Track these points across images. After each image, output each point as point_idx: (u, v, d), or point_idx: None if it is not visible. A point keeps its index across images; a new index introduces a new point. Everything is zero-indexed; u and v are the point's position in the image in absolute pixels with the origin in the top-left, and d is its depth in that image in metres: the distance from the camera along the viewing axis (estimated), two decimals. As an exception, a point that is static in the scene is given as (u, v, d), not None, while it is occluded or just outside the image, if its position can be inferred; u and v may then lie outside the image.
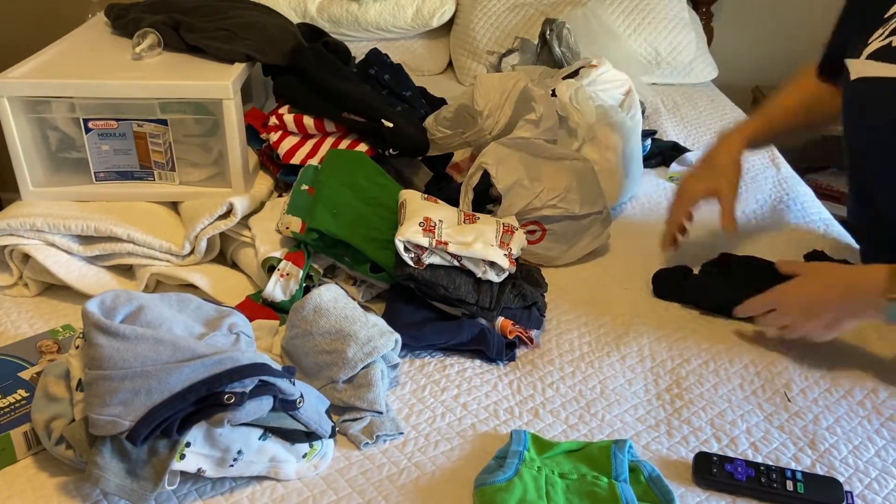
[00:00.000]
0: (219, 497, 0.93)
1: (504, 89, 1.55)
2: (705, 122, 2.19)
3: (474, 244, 1.21)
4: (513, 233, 1.27)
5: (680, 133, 2.08)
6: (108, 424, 0.85)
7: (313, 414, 0.96)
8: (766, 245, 1.52)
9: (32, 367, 1.07)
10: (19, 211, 1.32)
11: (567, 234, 1.43)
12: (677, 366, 1.19)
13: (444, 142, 1.59)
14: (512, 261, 1.24)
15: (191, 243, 1.32)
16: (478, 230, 1.24)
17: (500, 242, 1.24)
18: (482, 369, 1.17)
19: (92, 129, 1.37)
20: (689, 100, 2.33)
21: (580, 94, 1.59)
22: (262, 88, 1.82)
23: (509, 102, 1.54)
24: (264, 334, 1.19)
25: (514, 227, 1.30)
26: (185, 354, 0.89)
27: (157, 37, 1.51)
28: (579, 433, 1.05)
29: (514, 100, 1.54)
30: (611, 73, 1.69)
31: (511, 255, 1.24)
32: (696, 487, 0.96)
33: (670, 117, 2.18)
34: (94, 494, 0.92)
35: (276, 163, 1.54)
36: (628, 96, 1.68)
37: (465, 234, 1.22)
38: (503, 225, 1.28)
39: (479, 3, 2.45)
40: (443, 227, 1.23)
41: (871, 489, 0.97)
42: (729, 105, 2.35)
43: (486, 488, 0.91)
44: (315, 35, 1.78)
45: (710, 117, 2.23)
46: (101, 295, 0.95)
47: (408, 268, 1.20)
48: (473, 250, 1.21)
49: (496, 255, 1.22)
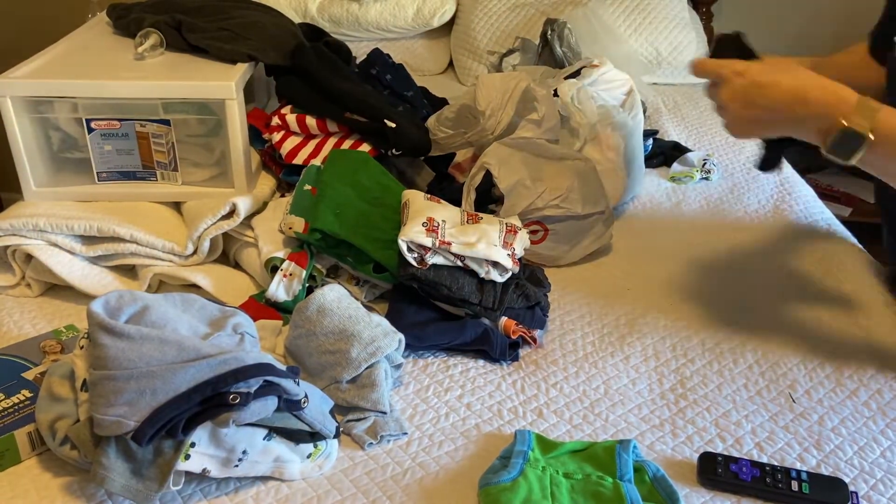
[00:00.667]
0: (223, 497, 0.93)
1: (506, 89, 1.55)
2: (706, 122, 2.18)
3: (477, 244, 1.21)
4: (516, 233, 1.27)
5: (681, 133, 2.07)
6: (114, 425, 0.85)
7: (317, 414, 0.96)
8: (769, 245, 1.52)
9: (36, 368, 1.07)
10: (22, 211, 1.32)
11: (569, 234, 1.43)
12: (681, 366, 1.19)
13: (447, 142, 1.59)
14: (515, 261, 1.24)
15: (193, 243, 1.32)
16: (481, 230, 1.24)
17: (503, 242, 1.24)
18: (486, 369, 1.17)
19: (94, 129, 1.37)
20: (689, 100, 2.33)
21: (582, 94, 1.59)
22: (264, 88, 1.82)
23: (511, 102, 1.54)
24: (268, 334, 1.19)
25: (518, 226, 1.30)
26: (190, 354, 0.89)
27: (159, 37, 1.51)
28: (584, 433, 1.05)
29: (516, 100, 1.54)
30: (612, 73, 1.69)
31: (514, 254, 1.24)
32: (700, 487, 0.96)
33: (671, 117, 2.18)
34: (98, 495, 0.92)
35: (278, 163, 1.54)
36: (630, 96, 1.68)
37: (468, 235, 1.22)
38: (506, 225, 1.28)
39: (480, 2, 2.45)
40: (446, 227, 1.23)
41: (877, 490, 0.97)
42: (730, 105, 2.34)
43: (490, 488, 0.91)
44: (316, 35, 1.78)
45: (711, 117, 2.22)
46: (105, 295, 0.94)
47: (411, 268, 1.20)
48: (476, 250, 1.21)
49: (499, 255, 1.22)
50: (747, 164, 1.91)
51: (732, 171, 1.88)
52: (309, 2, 2.39)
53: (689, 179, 1.80)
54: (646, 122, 1.91)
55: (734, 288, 1.39)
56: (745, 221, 1.64)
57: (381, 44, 2.34)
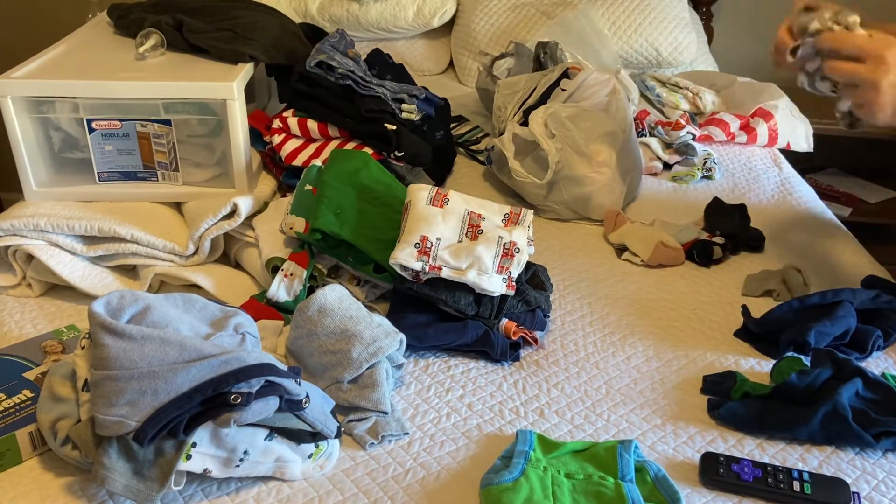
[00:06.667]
0: (225, 497, 0.93)
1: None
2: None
3: (468, 272, 1.18)
4: (513, 256, 1.22)
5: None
6: (115, 425, 0.85)
7: (319, 414, 0.95)
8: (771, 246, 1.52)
9: (37, 368, 1.07)
10: (23, 211, 1.32)
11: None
12: (683, 366, 1.19)
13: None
14: (511, 284, 1.21)
15: (194, 243, 1.32)
16: (474, 255, 1.20)
17: (497, 267, 1.21)
18: (487, 370, 1.17)
19: (95, 129, 1.37)
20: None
21: (553, 118, 1.59)
22: (265, 88, 1.82)
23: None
24: (269, 335, 1.18)
25: (517, 248, 1.24)
26: (192, 355, 0.89)
27: (160, 37, 1.51)
28: (585, 433, 1.05)
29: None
30: (593, 77, 1.68)
31: (510, 278, 1.22)
32: (702, 488, 0.96)
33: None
34: (100, 495, 0.92)
35: (279, 165, 1.54)
36: (614, 96, 1.67)
37: (460, 259, 1.19)
38: (504, 247, 1.25)
39: (480, 2, 2.45)
40: (440, 246, 1.20)
41: (878, 490, 0.97)
42: (730, 105, 2.35)
43: (492, 488, 0.91)
44: (316, 35, 1.78)
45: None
46: (107, 295, 0.94)
47: (407, 282, 1.20)
48: (465, 278, 1.18)
49: (489, 283, 1.19)
50: (748, 164, 1.91)
51: (733, 170, 1.88)
52: (309, 2, 2.39)
53: (690, 178, 1.80)
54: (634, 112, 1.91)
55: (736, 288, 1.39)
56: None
57: (382, 44, 2.34)
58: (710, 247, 1.46)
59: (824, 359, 1.10)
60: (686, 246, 1.47)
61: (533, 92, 1.74)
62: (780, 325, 1.21)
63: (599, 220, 1.60)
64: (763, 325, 1.22)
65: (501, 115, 1.81)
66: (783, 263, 1.42)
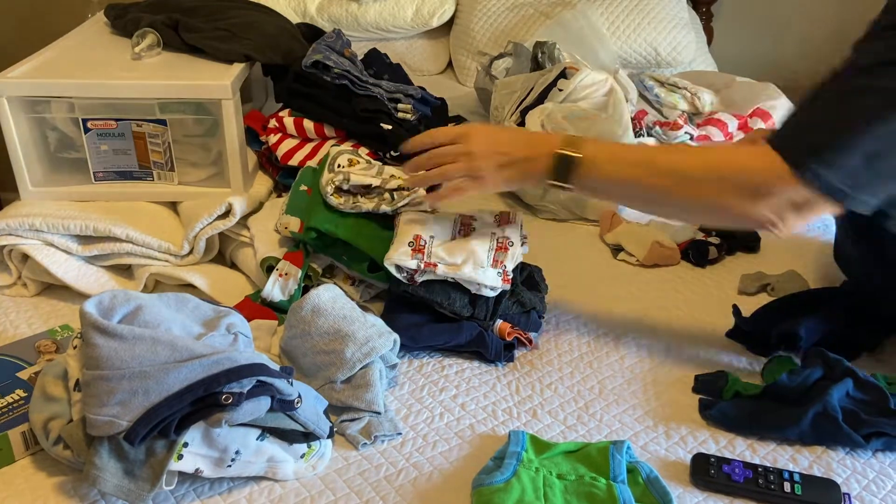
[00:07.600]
0: (217, 497, 0.93)
1: None
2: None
3: (463, 267, 1.18)
4: (507, 249, 1.22)
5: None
6: (106, 425, 0.85)
7: (311, 414, 0.95)
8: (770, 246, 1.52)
9: (31, 367, 1.07)
10: (18, 211, 1.32)
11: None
12: (676, 366, 1.19)
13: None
14: (506, 278, 1.21)
15: (189, 243, 1.32)
16: (469, 250, 1.20)
17: (492, 261, 1.21)
18: (480, 370, 1.17)
19: (91, 128, 1.37)
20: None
21: (551, 117, 1.59)
22: (261, 88, 1.82)
23: None
24: (263, 334, 1.19)
25: (511, 242, 1.24)
26: (183, 354, 0.89)
27: (156, 37, 1.51)
28: (577, 434, 1.05)
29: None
30: (590, 77, 1.67)
31: (506, 272, 1.22)
32: (693, 488, 0.96)
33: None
34: (91, 494, 0.92)
35: (275, 165, 1.54)
36: (611, 95, 1.67)
37: (454, 255, 1.19)
38: (497, 241, 1.25)
39: (479, 2, 2.45)
40: (433, 244, 1.21)
41: (869, 490, 0.97)
42: (729, 105, 2.34)
43: (483, 489, 0.91)
44: (314, 35, 1.78)
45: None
46: (98, 295, 0.95)
47: (402, 285, 1.20)
48: (461, 273, 1.18)
49: (485, 277, 1.19)
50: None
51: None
52: (308, 2, 2.39)
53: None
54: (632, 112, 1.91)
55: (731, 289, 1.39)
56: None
57: (381, 44, 2.33)
58: (706, 247, 1.46)
59: (815, 359, 1.10)
60: (682, 246, 1.48)
61: (530, 92, 1.74)
62: (771, 320, 1.21)
63: (595, 220, 1.60)
64: (754, 321, 1.22)
65: (499, 115, 1.81)
66: (783, 269, 1.42)
